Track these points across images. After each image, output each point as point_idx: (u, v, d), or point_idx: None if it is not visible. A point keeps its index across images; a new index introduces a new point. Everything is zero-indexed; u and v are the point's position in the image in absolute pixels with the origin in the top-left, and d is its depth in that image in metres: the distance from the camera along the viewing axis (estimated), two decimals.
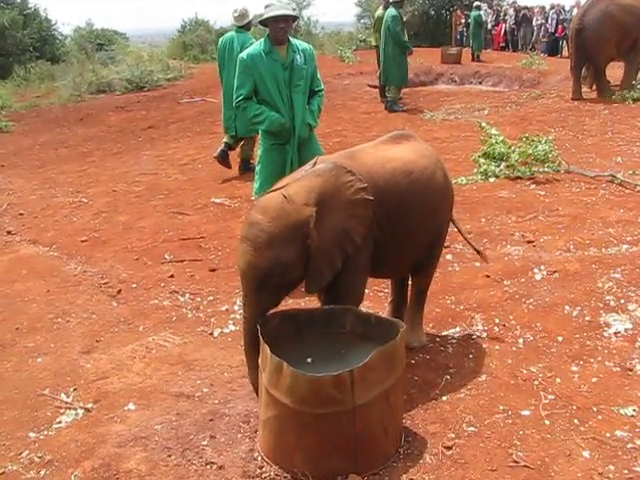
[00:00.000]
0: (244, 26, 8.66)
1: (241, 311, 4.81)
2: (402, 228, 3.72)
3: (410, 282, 4.34)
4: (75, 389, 4.08)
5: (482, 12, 21.68)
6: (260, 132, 5.32)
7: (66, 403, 3.94)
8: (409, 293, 4.35)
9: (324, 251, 3.40)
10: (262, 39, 5.10)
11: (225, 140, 8.74)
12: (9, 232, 7.31)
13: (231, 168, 8.75)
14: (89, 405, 3.90)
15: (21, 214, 7.99)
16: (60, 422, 3.77)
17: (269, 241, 3.28)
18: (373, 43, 14.79)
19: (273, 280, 3.33)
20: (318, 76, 5.29)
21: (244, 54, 5.08)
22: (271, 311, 3.51)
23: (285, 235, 3.29)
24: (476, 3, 22.17)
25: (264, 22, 5.00)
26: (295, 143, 5.13)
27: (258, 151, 5.32)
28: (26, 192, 9.06)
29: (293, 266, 3.36)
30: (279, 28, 4.91)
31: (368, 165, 3.67)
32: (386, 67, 12.71)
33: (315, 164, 3.61)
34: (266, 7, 4.98)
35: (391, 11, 12.40)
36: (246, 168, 8.75)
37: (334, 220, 3.43)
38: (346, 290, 3.66)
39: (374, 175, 3.63)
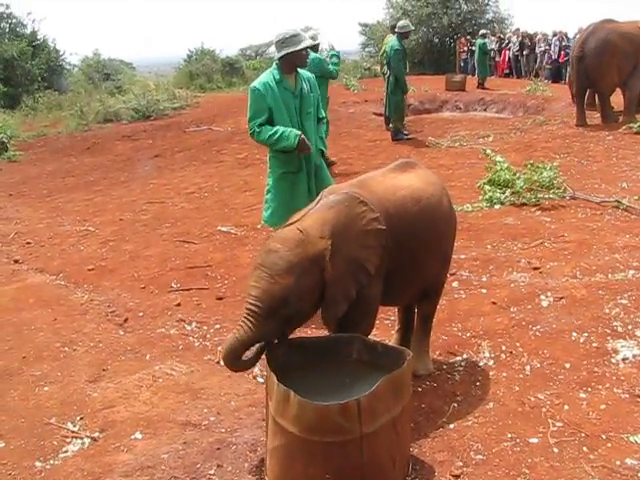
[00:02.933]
0: (314, 47, 9.88)
1: None
2: (411, 255, 3.73)
3: (416, 309, 4.34)
4: (82, 418, 4.07)
5: (487, 40, 21.83)
6: (270, 160, 5.28)
7: (72, 432, 3.93)
8: (415, 321, 4.34)
9: (339, 281, 3.41)
10: (271, 68, 5.13)
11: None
12: (16, 261, 7.33)
13: None
14: (95, 434, 3.89)
15: (28, 243, 8.01)
16: (66, 451, 3.76)
17: (288, 269, 3.28)
18: (380, 70, 14.68)
19: (284, 310, 3.30)
20: (321, 104, 5.36)
21: (256, 84, 5.04)
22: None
23: (303, 265, 3.30)
24: (482, 31, 22.39)
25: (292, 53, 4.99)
26: (312, 170, 5.15)
27: (268, 179, 5.32)
28: (33, 221, 9.10)
29: (306, 298, 3.36)
30: (303, 55, 5.02)
31: (379, 194, 3.69)
32: (387, 99, 12.74)
33: (327, 195, 3.65)
34: (285, 39, 4.91)
35: (394, 44, 12.05)
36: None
37: (348, 251, 3.44)
38: (356, 320, 3.64)
39: (385, 203, 3.65)
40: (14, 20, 25.77)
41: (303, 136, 4.97)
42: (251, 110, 5.05)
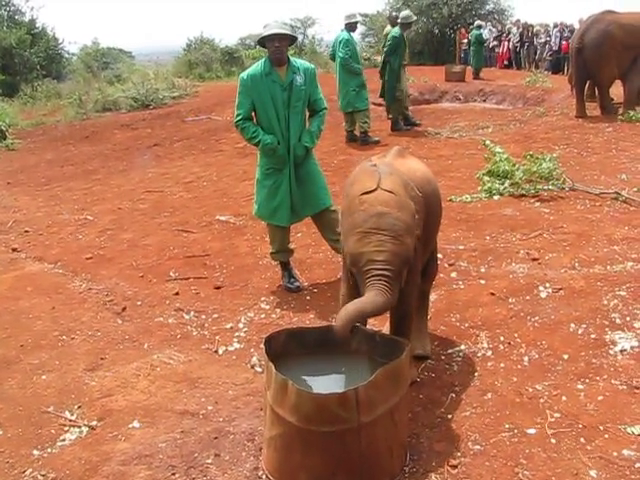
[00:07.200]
0: (352, 26, 11.33)
1: (246, 329, 4.84)
2: (426, 233, 3.75)
3: None
4: (79, 407, 4.07)
5: (482, 31, 21.80)
6: (259, 154, 5.44)
7: (70, 421, 3.93)
8: None
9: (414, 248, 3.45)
10: (262, 60, 5.16)
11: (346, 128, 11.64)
12: (14, 249, 7.32)
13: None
14: (93, 423, 3.89)
15: (27, 231, 7.99)
16: (64, 440, 3.76)
17: (407, 229, 3.27)
18: (380, 61, 14.64)
19: (405, 269, 3.31)
20: (320, 96, 5.32)
21: (244, 74, 5.21)
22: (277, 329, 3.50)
23: (413, 224, 3.34)
24: (477, 22, 22.35)
25: (262, 43, 5.11)
26: (292, 163, 5.21)
27: (256, 172, 5.48)
28: (32, 209, 9.08)
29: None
30: (274, 47, 5.02)
31: (405, 173, 3.67)
32: (382, 88, 12.67)
33: (378, 165, 3.60)
34: (264, 27, 5.07)
35: (394, 31, 12.06)
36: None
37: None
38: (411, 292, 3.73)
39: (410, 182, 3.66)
40: (12, 8, 25.73)
41: (278, 147, 5.18)
42: (237, 99, 5.23)
